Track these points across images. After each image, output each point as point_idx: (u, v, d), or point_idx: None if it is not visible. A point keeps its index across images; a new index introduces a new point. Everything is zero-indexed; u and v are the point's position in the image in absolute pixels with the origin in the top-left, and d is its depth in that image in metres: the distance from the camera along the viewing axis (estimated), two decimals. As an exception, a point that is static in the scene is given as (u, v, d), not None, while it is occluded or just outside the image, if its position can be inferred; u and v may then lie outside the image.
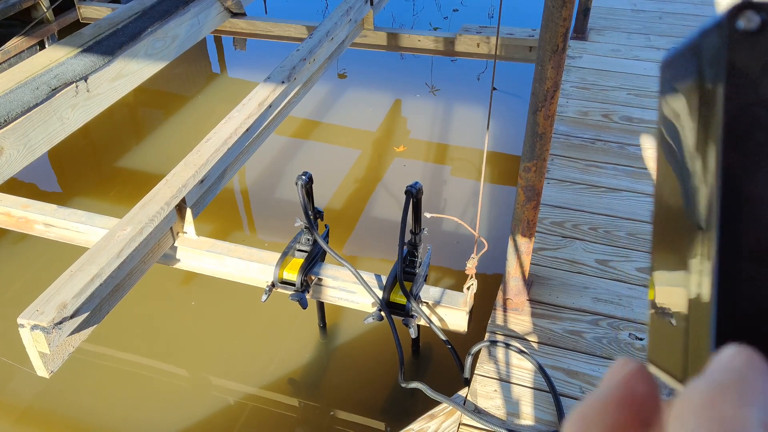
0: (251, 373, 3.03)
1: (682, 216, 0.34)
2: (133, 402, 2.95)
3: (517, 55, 4.37)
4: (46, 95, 3.14)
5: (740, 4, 0.30)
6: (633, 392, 0.30)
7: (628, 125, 3.89)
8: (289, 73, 3.32)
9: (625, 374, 0.31)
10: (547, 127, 2.22)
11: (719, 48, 0.31)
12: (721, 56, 0.31)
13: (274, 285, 2.49)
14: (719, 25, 0.31)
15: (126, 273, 2.29)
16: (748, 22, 0.30)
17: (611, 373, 0.31)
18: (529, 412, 2.29)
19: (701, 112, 0.32)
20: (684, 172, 0.34)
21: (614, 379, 0.31)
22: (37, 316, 1.92)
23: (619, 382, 0.31)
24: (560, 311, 2.66)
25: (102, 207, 4.01)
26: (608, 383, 0.31)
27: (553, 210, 3.21)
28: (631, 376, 0.31)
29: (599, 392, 0.30)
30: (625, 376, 0.31)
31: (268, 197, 4.27)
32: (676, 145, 0.35)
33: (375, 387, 2.95)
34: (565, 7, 2.00)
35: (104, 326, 2.33)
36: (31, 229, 2.79)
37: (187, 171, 2.58)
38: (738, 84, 0.30)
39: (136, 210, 2.38)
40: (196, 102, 5.33)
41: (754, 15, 0.30)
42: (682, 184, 0.34)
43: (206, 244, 2.61)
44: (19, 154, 2.97)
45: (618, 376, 0.31)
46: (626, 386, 0.30)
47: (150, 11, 3.99)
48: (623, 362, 0.32)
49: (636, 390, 0.30)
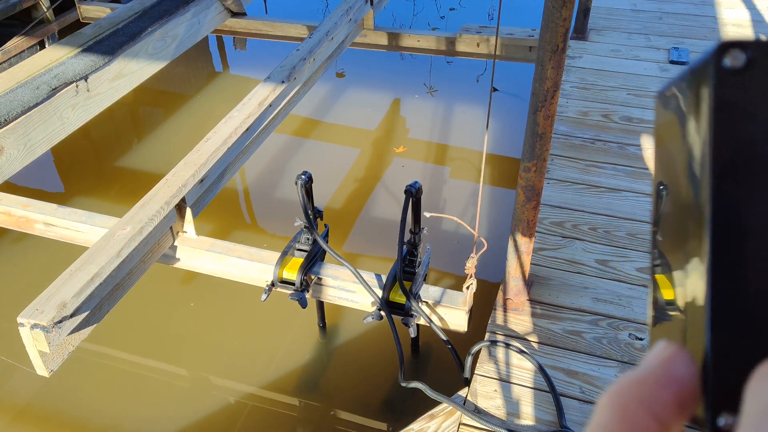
0: (251, 373, 3.03)
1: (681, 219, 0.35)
2: (133, 401, 2.95)
3: (517, 55, 4.37)
4: (47, 95, 3.14)
5: (726, 42, 0.31)
6: (672, 373, 0.31)
7: (627, 125, 3.89)
8: (289, 72, 3.33)
9: (666, 356, 0.31)
10: (547, 127, 2.23)
11: (707, 86, 0.32)
12: (709, 94, 0.32)
13: (274, 284, 2.49)
14: (706, 63, 0.32)
15: (126, 272, 2.29)
16: (734, 60, 0.31)
17: (652, 355, 0.32)
18: (529, 412, 2.29)
19: (692, 147, 0.33)
20: (678, 202, 0.35)
21: (655, 360, 0.31)
22: (37, 315, 1.92)
23: (660, 362, 0.31)
24: (560, 311, 2.66)
25: (103, 206, 4.01)
26: (648, 363, 0.31)
27: (553, 210, 3.21)
28: (671, 358, 0.31)
29: (638, 370, 0.31)
30: (666, 357, 0.31)
31: (268, 196, 4.27)
32: (671, 176, 0.36)
33: (375, 386, 2.95)
34: (565, 7, 2.00)
35: (104, 325, 2.34)
36: (31, 229, 2.79)
37: (187, 170, 2.58)
38: (726, 122, 0.31)
39: (136, 209, 2.38)
40: (197, 101, 5.33)
41: (740, 53, 0.31)
42: (678, 206, 0.35)
43: (206, 243, 2.61)
44: (19, 153, 2.97)
45: (659, 357, 0.31)
46: (666, 367, 0.31)
47: (150, 11, 3.99)
48: (664, 345, 0.32)
49: (676, 371, 0.31)
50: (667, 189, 0.37)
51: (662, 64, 4.52)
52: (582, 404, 2.30)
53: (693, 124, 0.33)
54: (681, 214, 0.34)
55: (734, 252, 0.31)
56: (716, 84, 0.31)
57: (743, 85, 0.31)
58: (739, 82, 0.31)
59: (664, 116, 0.37)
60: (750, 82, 0.31)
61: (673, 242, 0.36)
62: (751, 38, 0.31)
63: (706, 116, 0.32)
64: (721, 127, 0.31)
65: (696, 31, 4.94)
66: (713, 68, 0.31)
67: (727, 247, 0.31)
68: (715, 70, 0.31)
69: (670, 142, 0.36)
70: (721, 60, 0.31)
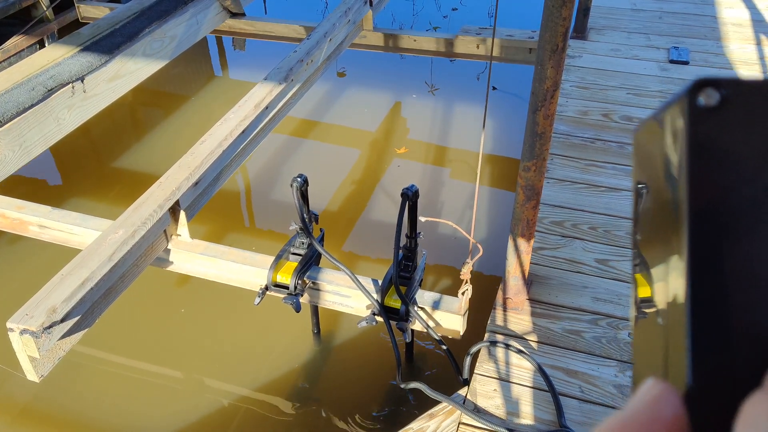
0: (245, 376, 3.02)
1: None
2: (127, 404, 2.94)
3: (517, 57, 4.35)
4: (42, 96, 3.13)
5: (699, 81, 0.31)
6: (659, 415, 0.30)
7: (627, 125, 3.88)
8: (286, 74, 3.30)
9: (652, 396, 0.31)
10: (546, 126, 2.22)
11: (682, 124, 0.32)
12: (684, 133, 0.32)
13: (268, 288, 2.48)
14: (680, 102, 0.32)
15: (118, 276, 2.28)
16: (708, 98, 0.31)
17: (638, 396, 0.31)
18: (528, 412, 2.30)
19: (669, 185, 0.33)
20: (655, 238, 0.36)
21: (641, 401, 0.31)
22: (27, 321, 1.91)
23: (646, 404, 0.30)
24: (560, 310, 2.66)
25: (103, 206, 4.00)
26: (634, 404, 0.31)
27: (553, 209, 3.21)
28: (657, 398, 0.30)
29: (625, 412, 0.30)
30: (652, 398, 0.31)
31: (266, 198, 4.26)
32: (649, 211, 0.36)
33: (370, 391, 2.94)
34: (565, 6, 2.00)
35: (98, 328, 2.32)
36: (26, 231, 2.78)
37: (181, 173, 2.57)
38: (701, 161, 0.31)
39: (129, 213, 2.36)
40: (197, 102, 5.32)
41: (714, 92, 0.31)
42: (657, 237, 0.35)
43: (200, 246, 2.59)
44: (15, 154, 2.96)
45: (645, 397, 0.31)
46: (653, 408, 0.30)
47: (148, 11, 3.97)
48: (651, 384, 0.31)
49: (662, 413, 0.30)
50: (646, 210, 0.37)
51: (662, 63, 4.50)
52: (581, 404, 2.30)
53: (670, 165, 0.33)
54: (663, 255, 0.34)
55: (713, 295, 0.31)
56: (690, 124, 0.31)
57: (718, 124, 0.31)
58: (714, 121, 0.31)
59: (641, 151, 0.37)
60: (724, 121, 0.31)
61: (655, 238, 0.36)
62: (725, 76, 0.31)
63: (681, 159, 0.32)
64: (696, 172, 0.31)
65: (696, 31, 4.92)
66: (687, 107, 0.31)
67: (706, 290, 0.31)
68: (690, 108, 0.31)
69: (649, 180, 0.36)
70: (695, 98, 0.31)
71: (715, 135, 0.31)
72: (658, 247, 0.35)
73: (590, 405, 2.29)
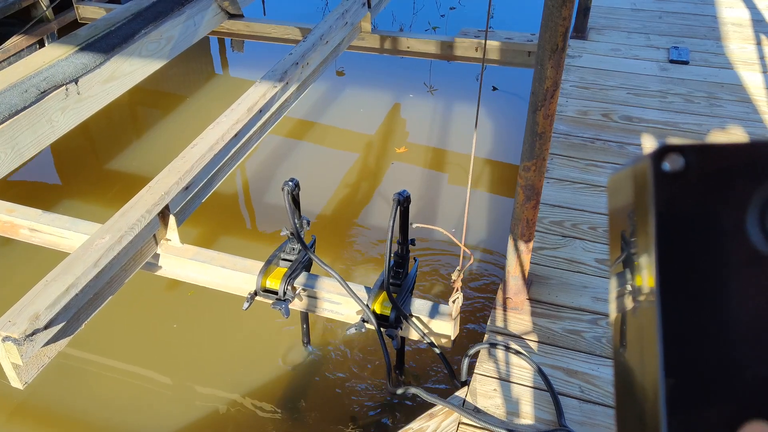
0: (236, 381, 2.99)
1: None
2: (116, 409, 2.91)
3: (516, 60, 4.31)
4: (35, 98, 3.11)
5: (664, 147, 0.32)
6: None
7: (627, 124, 3.86)
8: (280, 77, 3.28)
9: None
10: (546, 126, 2.22)
11: (648, 188, 0.32)
12: (650, 197, 0.32)
13: (257, 293, 2.45)
14: (645, 166, 0.32)
15: (105, 282, 2.26)
16: (673, 163, 0.32)
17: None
18: (528, 411, 2.29)
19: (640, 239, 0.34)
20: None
21: None
22: (9, 327, 1.89)
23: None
24: (560, 310, 2.65)
25: (100, 208, 3.98)
26: None
27: (553, 209, 3.20)
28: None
29: None
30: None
31: (260, 201, 4.23)
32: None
33: (361, 398, 2.91)
34: (565, 6, 2.00)
35: (87, 332, 2.30)
36: (16, 234, 2.76)
37: (171, 177, 2.54)
38: (666, 224, 0.32)
39: (116, 218, 2.34)
40: (198, 102, 5.30)
41: (678, 157, 0.32)
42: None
43: (190, 251, 2.57)
44: (7, 157, 2.95)
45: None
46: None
47: (145, 12, 3.95)
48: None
49: None
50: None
51: (662, 63, 4.47)
52: (581, 403, 2.29)
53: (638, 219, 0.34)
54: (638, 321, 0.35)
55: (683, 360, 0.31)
56: (656, 188, 0.32)
57: (682, 190, 0.32)
58: (678, 187, 0.32)
59: (613, 205, 0.38)
60: (688, 186, 0.32)
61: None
62: (689, 142, 0.32)
63: (648, 218, 0.32)
64: (664, 233, 0.32)
65: (696, 31, 4.89)
66: (652, 173, 0.32)
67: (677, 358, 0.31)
68: (655, 173, 0.32)
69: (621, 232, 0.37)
70: (660, 164, 0.32)
71: (680, 201, 0.32)
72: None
73: (590, 405, 2.29)
